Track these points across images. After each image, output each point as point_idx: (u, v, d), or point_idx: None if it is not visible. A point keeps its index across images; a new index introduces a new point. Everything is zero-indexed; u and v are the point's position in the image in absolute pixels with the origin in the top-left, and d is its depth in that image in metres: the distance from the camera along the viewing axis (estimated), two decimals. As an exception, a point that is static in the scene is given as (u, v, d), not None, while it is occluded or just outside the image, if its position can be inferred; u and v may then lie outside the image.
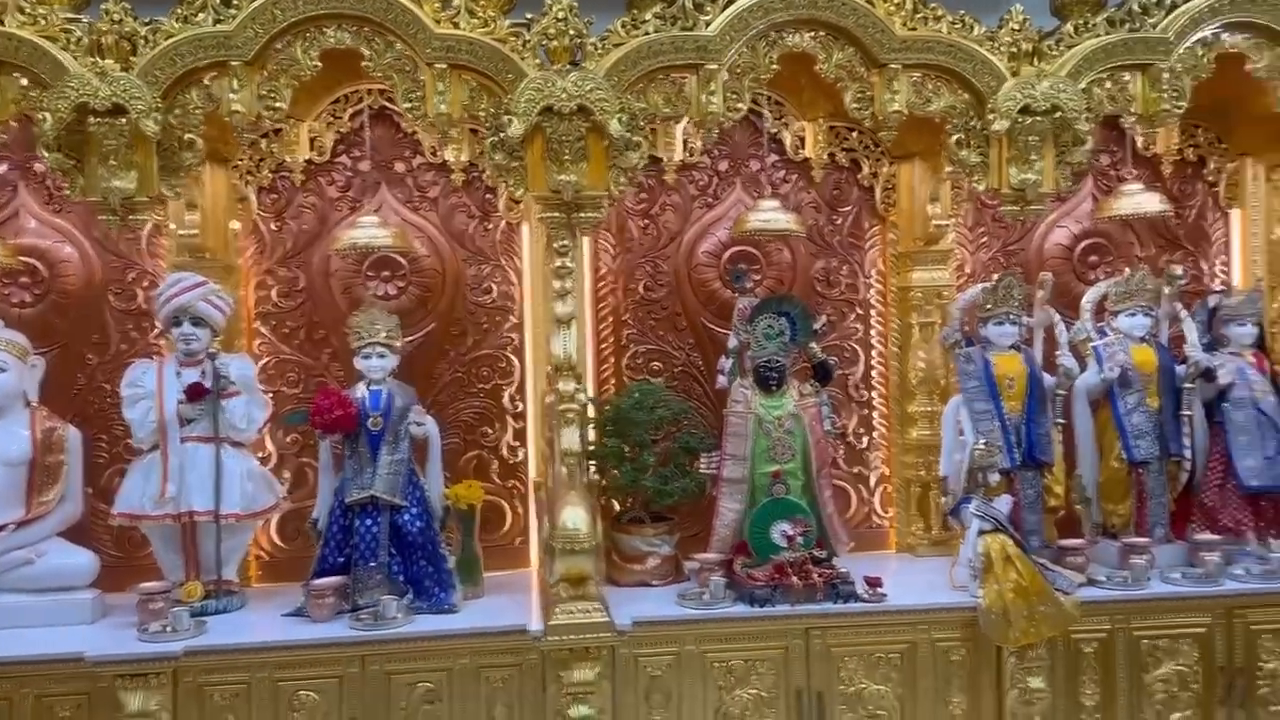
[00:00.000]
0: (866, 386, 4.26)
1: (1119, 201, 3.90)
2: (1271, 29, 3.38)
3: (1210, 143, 4.29)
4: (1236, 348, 3.90)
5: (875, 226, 4.22)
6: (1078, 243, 4.30)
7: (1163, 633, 3.49)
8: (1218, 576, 3.53)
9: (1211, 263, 4.37)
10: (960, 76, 3.30)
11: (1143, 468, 3.78)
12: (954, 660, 3.41)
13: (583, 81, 3.06)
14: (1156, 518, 3.79)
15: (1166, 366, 3.85)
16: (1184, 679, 3.50)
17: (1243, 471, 3.75)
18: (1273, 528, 3.76)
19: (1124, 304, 3.86)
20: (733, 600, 3.41)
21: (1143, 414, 3.79)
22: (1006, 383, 3.75)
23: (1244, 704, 3.50)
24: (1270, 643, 3.52)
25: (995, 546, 3.38)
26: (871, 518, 4.26)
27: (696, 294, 4.13)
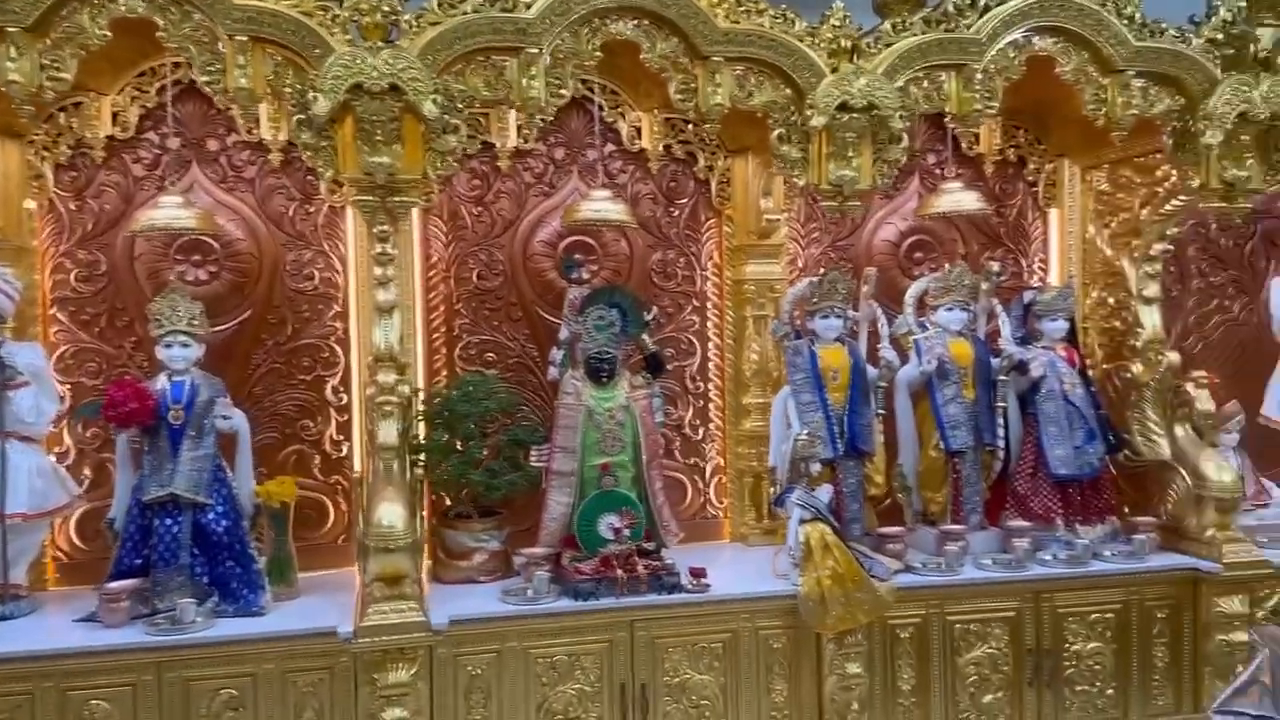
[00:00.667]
0: (703, 378, 4.27)
1: (939, 199, 4.01)
2: (1079, 34, 3.51)
3: (1030, 144, 4.46)
4: (1049, 342, 4.06)
5: (711, 219, 4.23)
6: (904, 239, 4.41)
7: (975, 617, 3.61)
8: (1026, 562, 3.67)
9: (1031, 260, 4.55)
10: (781, 71, 3.31)
11: (959, 457, 3.90)
12: (775, 648, 3.45)
13: (395, 59, 2.95)
14: (972, 505, 3.92)
15: (983, 359, 3.99)
16: (995, 661, 3.63)
17: (1052, 461, 3.91)
18: (1080, 514, 3.94)
19: (943, 299, 3.98)
20: (557, 595, 3.35)
21: (959, 405, 3.91)
22: (831, 375, 3.82)
23: (1051, 684, 3.66)
24: (1076, 625, 3.69)
25: (815, 535, 3.43)
26: (706, 508, 4.28)
27: (532, 284, 4.05)
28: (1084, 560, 3.69)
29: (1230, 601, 3.71)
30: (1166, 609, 3.76)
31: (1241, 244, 4.76)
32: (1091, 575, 3.68)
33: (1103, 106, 3.59)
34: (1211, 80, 3.58)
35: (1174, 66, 3.59)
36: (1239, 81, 3.54)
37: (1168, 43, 3.58)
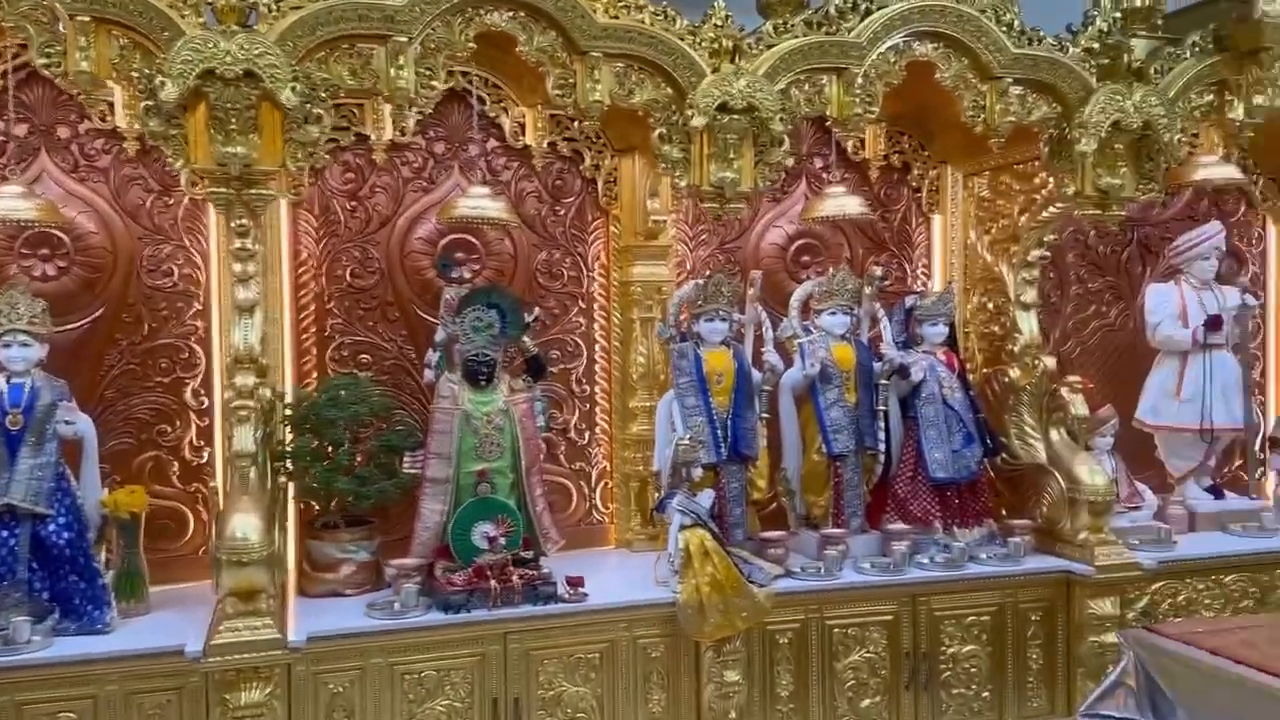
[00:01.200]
0: (589, 381, 4.19)
1: (823, 203, 4.01)
2: (959, 40, 3.53)
3: (914, 150, 4.50)
4: (930, 346, 4.09)
5: (598, 219, 4.15)
6: (792, 242, 4.39)
7: (853, 621, 3.61)
8: (903, 565, 3.68)
9: (915, 265, 4.58)
10: (662, 70, 3.26)
11: (840, 461, 3.90)
12: (654, 657, 3.39)
13: (250, 44, 2.79)
14: (853, 509, 3.92)
15: (865, 364, 3.99)
16: (873, 665, 3.63)
17: (930, 464, 3.94)
18: (958, 517, 3.97)
19: (826, 303, 3.97)
20: (426, 608, 3.23)
21: (841, 409, 3.91)
22: (715, 378, 3.77)
23: (928, 687, 3.68)
24: (952, 628, 3.72)
25: (694, 541, 3.38)
26: (592, 514, 4.20)
27: (410, 282, 3.91)
28: (960, 563, 3.72)
29: (1102, 603, 3.78)
30: (1040, 611, 3.82)
31: (1119, 251, 4.88)
32: (967, 578, 3.71)
33: (981, 113, 3.63)
34: (1087, 89, 3.64)
35: (1051, 75, 3.64)
36: (1113, 91, 3.60)
37: (1045, 51, 3.64)
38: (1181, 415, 4.44)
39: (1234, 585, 4.06)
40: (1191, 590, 4.01)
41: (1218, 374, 4.42)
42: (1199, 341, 4.39)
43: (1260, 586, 4.08)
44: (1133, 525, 4.19)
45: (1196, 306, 4.46)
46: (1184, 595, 4.00)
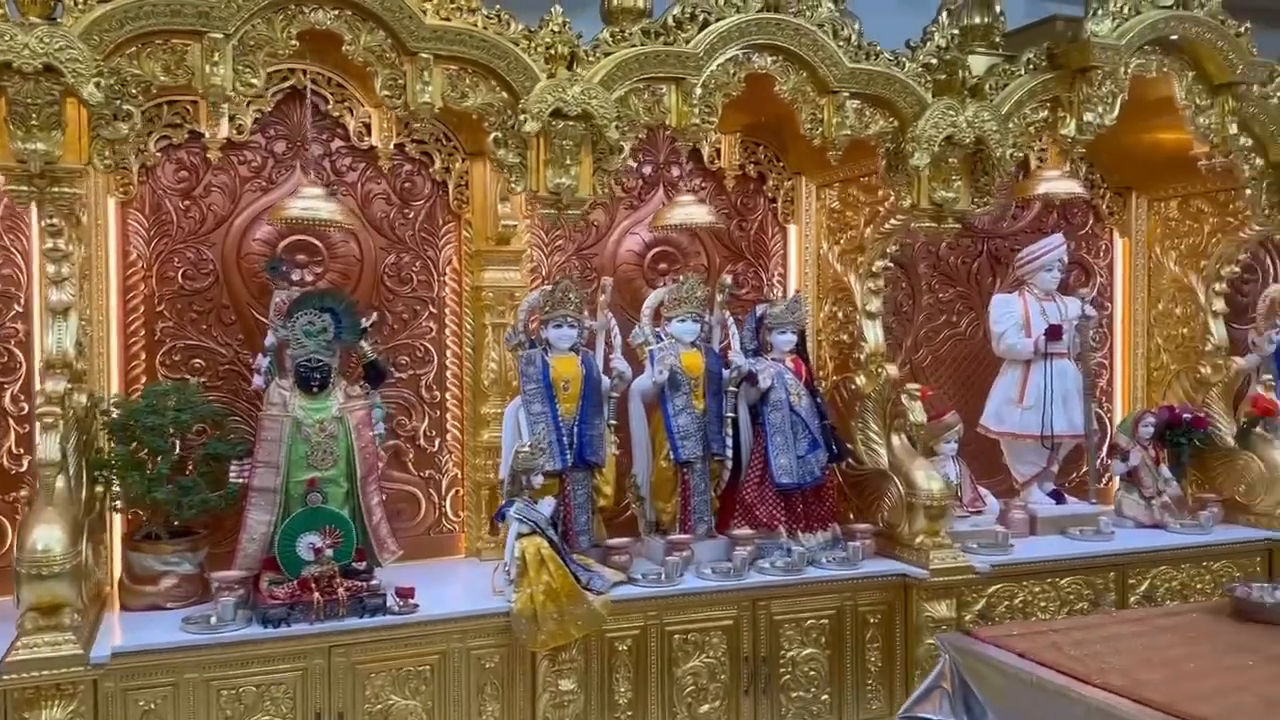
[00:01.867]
0: (440, 387, 4.13)
1: (672, 212, 4.03)
2: (796, 53, 3.59)
3: (769, 160, 4.55)
4: (779, 354, 4.14)
5: (450, 223, 4.10)
6: (649, 250, 4.40)
7: (693, 627, 3.63)
8: (743, 570, 3.71)
9: (771, 274, 4.64)
10: (495, 73, 3.23)
11: (687, 467, 3.92)
12: (488, 668, 3.35)
13: (50, 38, 2.67)
14: (700, 514, 3.94)
15: (713, 370, 4.03)
16: (713, 671, 3.65)
17: (776, 469, 3.99)
18: (803, 522, 4.03)
19: (675, 310, 3.99)
20: (247, 621, 3.14)
21: (689, 415, 3.93)
22: (563, 384, 3.76)
23: (767, 691, 3.72)
24: (792, 632, 3.77)
25: (530, 549, 3.36)
26: (442, 522, 4.13)
27: (247, 285, 3.80)
28: (800, 567, 3.77)
29: (937, 606, 3.87)
30: (879, 614, 3.89)
31: (970, 262, 5.03)
32: (806, 582, 3.77)
33: (819, 126, 3.69)
34: (922, 104, 3.73)
35: (887, 89, 3.72)
36: (946, 106, 3.70)
37: (882, 66, 3.72)
38: (1024, 422, 4.58)
39: (1069, 588, 4.20)
40: (1028, 593, 4.14)
41: (1059, 382, 4.57)
42: (1040, 350, 4.54)
43: (1094, 589, 4.23)
44: (974, 529, 4.30)
45: (1039, 316, 4.61)
46: (1021, 598, 4.12)
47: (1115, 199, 5.25)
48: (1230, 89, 4.18)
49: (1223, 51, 4.09)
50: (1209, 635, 3.04)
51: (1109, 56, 3.89)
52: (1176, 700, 2.46)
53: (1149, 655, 2.84)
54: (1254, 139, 4.38)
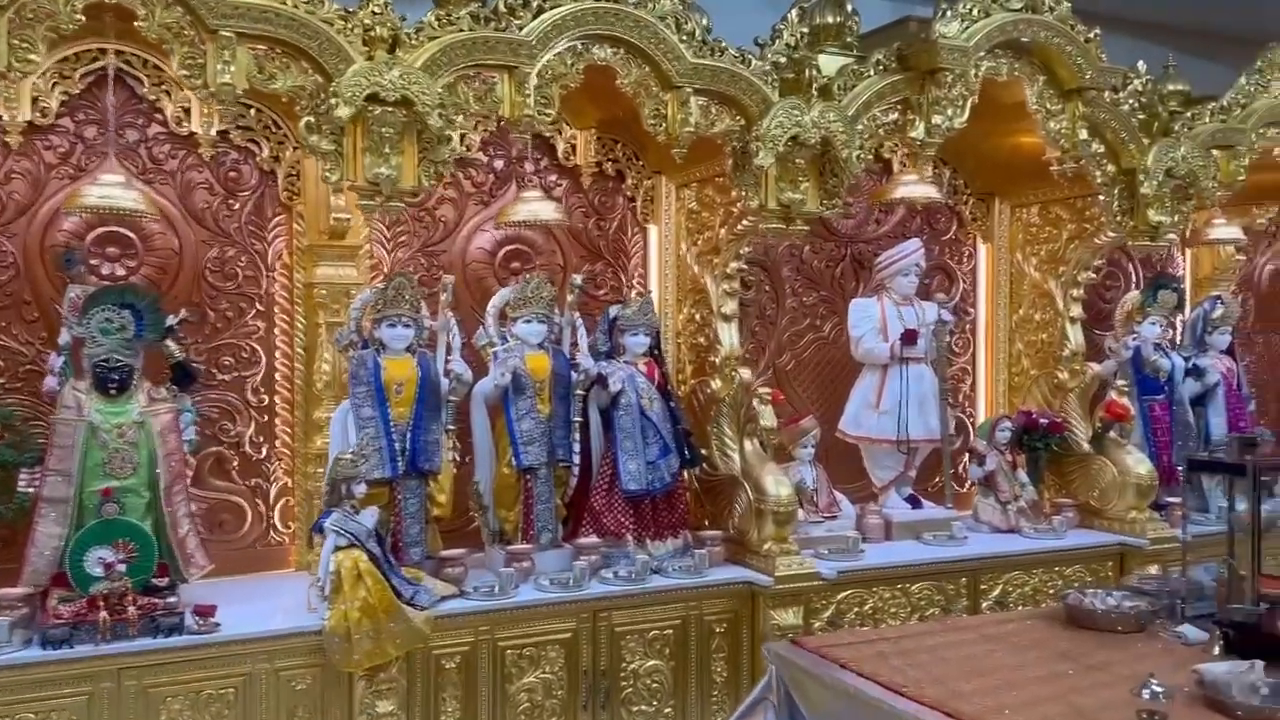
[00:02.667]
0: (268, 391, 3.90)
1: (518, 208, 3.88)
2: (638, 46, 3.47)
3: (628, 158, 4.43)
4: (631, 357, 4.02)
5: (280, 215, 3.88)
6: (500, 247, 4.25)
7: (529, 641, 3.47)
8: (583, 581, 3.57)
9: (631, 275, 4.52)
10: (308, 55, 3.03)
11: (531, 474, 3.77)
12: (299, 690, 3.15)
13: None
14: (544, 523, 3.79)
15: (562, 373, 3.88)
16: (549, 686, 3.50)
17: (624, 475, 3.86)
18: (651, 529, 3.91)
19: (521, 310, 3.84)
20: (26, 642, 2.88)
21: (533, 420, 3.78)
22: (395, 387, 3.56)
23: (607, 706, 3.58)
24: (634, 644, 3.64)
25: (347, 564, 3.16)
26: (270, 534, 3.90)
27: (51, 279, 3.52)
28: (643, 576, 3.65)
29: (784, 613, 3.79)
30: (725, 623, 3.79)
31: (833, 266, 4.99)
32: (650, 591, 3.64)
33: (663, 122, 3.58)
34: (768, 103, 3.65)
35: (732, 87, 3.63)
36: (791, 105, 3.63)
37: (727, 62, 3.62)
38: (880, 427, 4.55)
39: (920, 593, 4.17)
40: (878, 599, 4.08)
41: (915, 387, 4.55)
42: (896, 355, 4.51)
43: (946, 595, 4.20)
44: (829, 535, 4.24)
45: (896, 321, 4.58)
46: (871, 604, 4.07)
47: (979, 204, 5.27)
48: (1080, 94, 4.20)
49: (1072, 56, 4.11)
50: (1039, 643, 2.99)
51: (957, 59, 3.87)
52: (985, 712, 2.40)
53: (973, 665, 2.77)
54: (1106, 145, 4.43)
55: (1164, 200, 4.48)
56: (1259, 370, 6.27)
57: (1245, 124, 4.73)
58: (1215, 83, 5.03)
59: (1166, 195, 4.49)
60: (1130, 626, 3.12)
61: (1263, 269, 6.33)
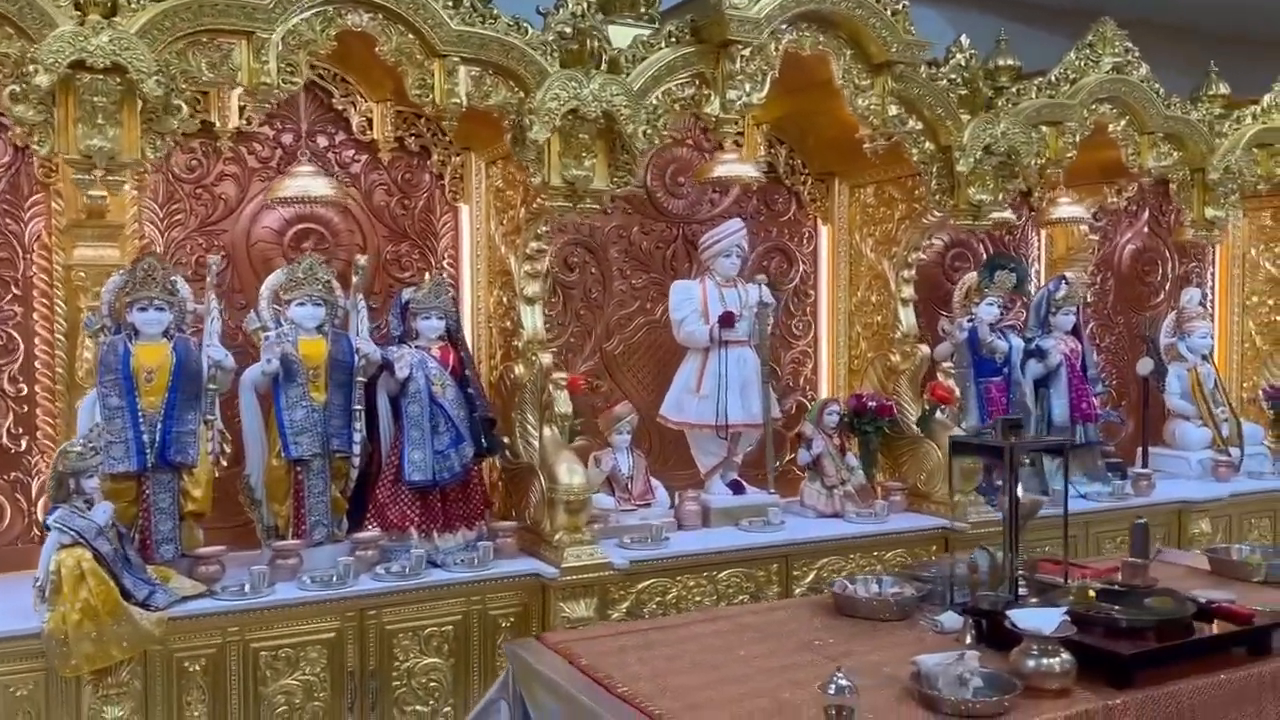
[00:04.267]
0: (27, 380, 3.67)
1: (286, 184, 3.70)
2: (395, 11, 3.29)
3: (433, 134, 4.25)
4: (425, 341, 3.85)
5: (38, 193, 3.64)
6: (290, 226, 4.04)
7: (286, 642, 3.30)
8: (348, 578, 3.40)
9: (440, 257, 4.35)
10: (9, 20, 2.81)
11: (301, 465, 3.59)
12: (19, 696, 2.97)
13: None
14: (317, 517, 3.61)
15: (341, 359, 3.70)
16: (310, 688, 3.33)
17: (407, 465, 3.70)
18: (440, 522, 3.75)
19: (294, 293, 3.65)
20: None
21: (305, 408, 3.60)
22: (145, 375, 3.36)
23: (376, 707, 3.42)
24: (408, 642, 3.49)
25: (69, 563, 2.95)
26: (32, 531, 3.68)
27: None
28: (418, 571, 3.49)
29: (575, 605, 3.65)
30: (513, 617, 3.65)
31: (664, 248, 4.85)
32: (425, 587, 3.49)
33: (429, 92, 3.41)
34: (545, 75, 3.49)
35: (505, 57, 3.47)
36: (568, 77, 3.47)
37: (498, 31, 3.45)
38: (700, 411, 4.43)
39: (728, 581, 4.06)
40: (682, 588, 3.97)
41: (736, 371, 4.44)
42: (715, 338, 4.39)
43: (756, 582, 4.11)
44: (641, 522, 4.13)
45: (718, 303, 4.46)
46: (674, 593, 3.95)
47: (818, 185, 5.16)
48: (889, 68, 4.09)
49: (877, 29, 4.00)
50: (793, 632, 2.89)
51: (749, 30, 3.73)
52: (681, 710, 2.28)
53: (708, 657, 2.66)
54: (924, 123, 4.33)
55: (985, 178, 4.40)
56: (1120, 352, 6.26)
57: (1074, 99, 4.66)
58: (1052, 57, 4.95)
59: (988, 173, 4.41)
60: (894, 615, 3.04)
61: (1123, 249, 6.31)
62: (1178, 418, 5.91)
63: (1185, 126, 4.94)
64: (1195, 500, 5.21)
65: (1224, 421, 5.87)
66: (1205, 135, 4.98)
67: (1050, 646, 2.41)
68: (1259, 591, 3.31)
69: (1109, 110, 4.81)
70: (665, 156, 4.79)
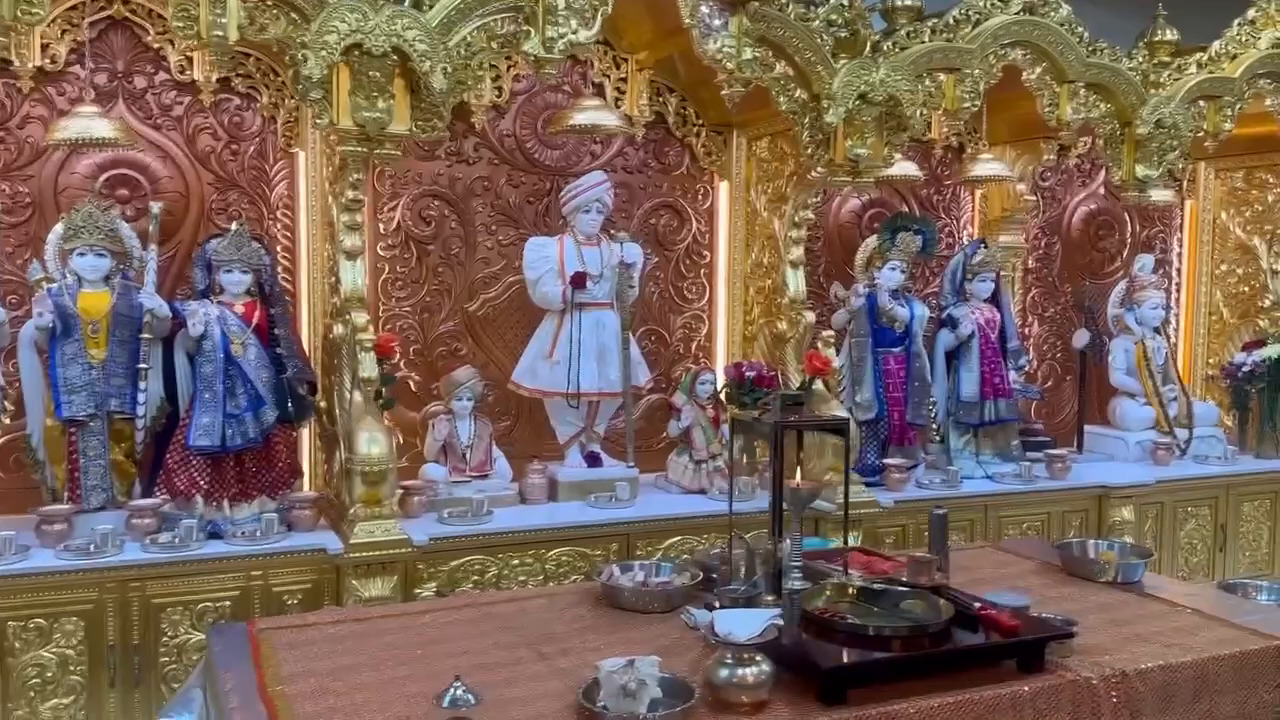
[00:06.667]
0: None
1: (65, 124, 3.44)
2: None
3: (263, 74, 3.98)
4: (229, 297, 3.62)
5: None
6: (102, 172, 3.82)
7: (38, 613, 3.11)
8: (107, 547, 3.20)
9: (274, 207, 4.10)
10: None
11: (76, 426, 3.38)
12: None
13: None
14: (94, 481, 3.42)
15: (127, 315, 3.48)
16: (65, 662, 3.15)
17: (194, 430, 3.47)
18: (235, 490, 3.52)
19: (73, 242, 3.44)
20: None
21: (81, 365, 3.39)
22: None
23: (141, 683, 3.23)
24: (178, 616, 3.29)
25: None
26: None
27: None
28: (187, 543, 3.27)
29: (372, 584, 3.42)
30: (301, 594, 3.43)
31: (535, 202, 4.55)
32: (198, 560, 3.28)
33: (193, 24, 3.12)
34: (324, 6, 3.18)
35: (278, -14, 3.17)
36: (350, 8, 3.15)
37: (271, -42, 3.16)
38: (553, 379, 4.14)
39: (559, 559, 3.80)
40: (504, 565, 3.72)
41: (592, 336, 4.14)
42: (567, 301, 4.08)
43: (590, 561, 3.82)
44: (478, 495, 3.86)
45: (576, 262, 4.14)
46: (494, 571, 3.70)
47: (714, 138, 4.79)
48: (743, 6, 3.71)
49: (725, -39, 3.62)
50: (538, 624, 2.60)
51: (566, -39, 3.38)
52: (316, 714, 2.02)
53: (406, 652, 2.38)
54: (795, 68, 3.95)
55: (863, 130, 4.01)
56: (1064, 323, 5.82)
57: (974, 44, 4.22)
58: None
59: (868, 125, 4.02)
60: (662, 606, 2.73)
61: (1073, 211, 5.84)
62: (1122, 395, 5.47)
63: (1112, 75, 4.46)
64: (1116, 485, 4.79)
65: (1172, 400, 5.42)
66: (1135, 86, 4.50)
67: (747, 655, 2.10)
68: (1101, 594, 2.96)
69: (1021, 56, 4.36)
70: (538, 103, 4.48)
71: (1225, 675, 2.50)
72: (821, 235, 5.13)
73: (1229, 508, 5.20)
